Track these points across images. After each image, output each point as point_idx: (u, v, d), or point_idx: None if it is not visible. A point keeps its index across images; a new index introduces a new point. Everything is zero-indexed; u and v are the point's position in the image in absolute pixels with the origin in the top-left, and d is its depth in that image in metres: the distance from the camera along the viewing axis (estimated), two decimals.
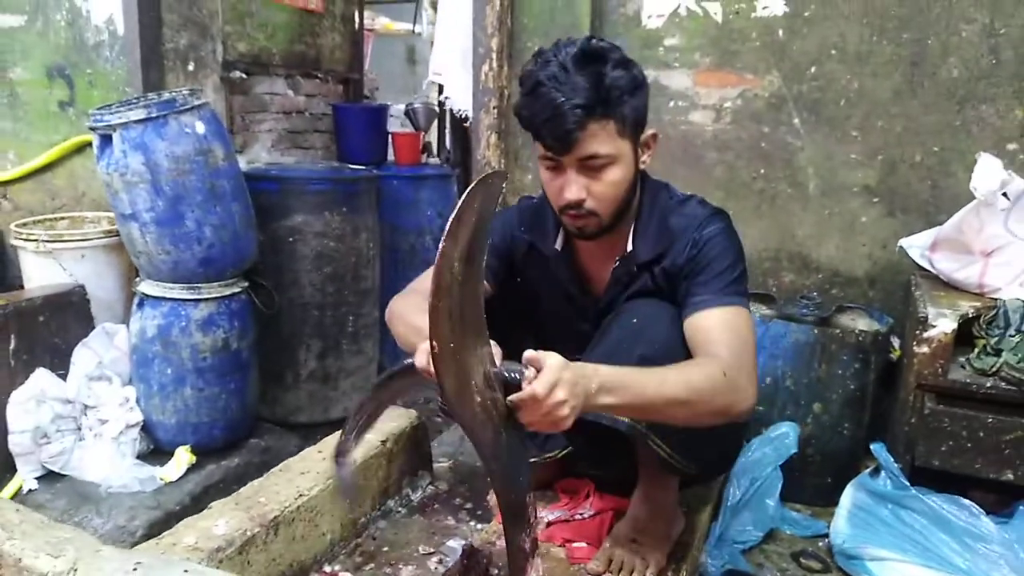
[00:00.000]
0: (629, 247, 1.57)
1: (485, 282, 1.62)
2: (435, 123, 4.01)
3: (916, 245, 2.21)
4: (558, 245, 1.64)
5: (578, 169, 1.42)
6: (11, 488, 2.19)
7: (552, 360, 1.13)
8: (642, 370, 1.26)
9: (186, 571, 0.92)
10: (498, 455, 1.21)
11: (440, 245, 0.98)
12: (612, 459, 1.66)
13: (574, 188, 1.43)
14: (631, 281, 1.58)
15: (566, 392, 1.11)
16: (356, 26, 3.84)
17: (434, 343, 1.01)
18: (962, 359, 1.92)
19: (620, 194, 1.47)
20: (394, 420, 2.07)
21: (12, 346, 2.31)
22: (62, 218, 2.96)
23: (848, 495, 1.95)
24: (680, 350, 1.43)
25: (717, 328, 1.39)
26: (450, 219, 1.00)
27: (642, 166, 1.53)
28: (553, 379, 1.11)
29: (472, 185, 1.05)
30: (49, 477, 2.26)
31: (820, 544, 2.01)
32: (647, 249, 1.55)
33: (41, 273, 2.62)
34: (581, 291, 1.67)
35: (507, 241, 1.69)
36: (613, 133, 1.40)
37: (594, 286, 1.66)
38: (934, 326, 1.86)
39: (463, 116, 2.99)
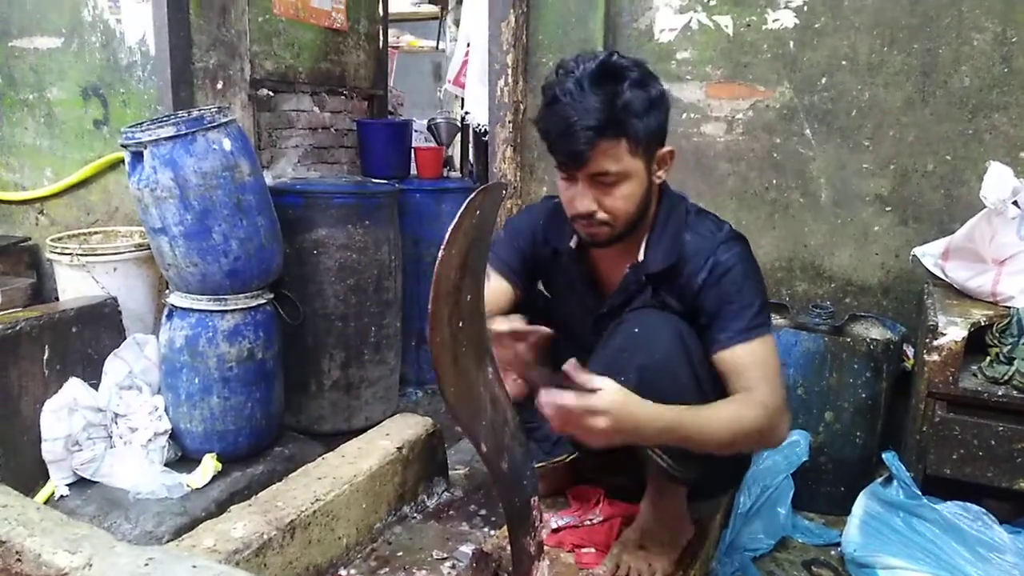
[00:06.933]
0: (641, 256, 1.59)
1: (510, 286, 1.68)
2: (458, 138, 4.06)
3: (929, 254, 2.21)
4: (572, 243, 1.67)
5: (590, 183, 1.45)
6: (44, 494, 2.26)
7: (609, 388, 1.22)
8: (693, 412, 1.34)
9: (194, 566, 0.96)
10: (502, 459, 1.24)
11: (439, 253, 1.01)
12: (619, 465, 1.68)
13: (585, 201, 1.46)
14: (639, 290, 1.60)
15: (611, 423, 1.21)
16: (380, 44, 3.91)
17: (434, 350, 1.04)
18: (974, 367, 1.92)
19: (631, 208, 1.49)
20: (411, 428, 2.11)
21: (46, 356, 2.38)
22: (96, 232, 3.06)
23: (860, 504, 1.94)
24: (680, 362, 1.45)
25: (752, 366, 1.44)
26: (449, 228, 1.02)
27: (657, 180, 1.54)
28: (606, 406, 1.21)
29: (471, 196, 1.08)
30: (80, 483, 2.32)
31: (832, 553, 2.01)
32: (657, 261, 1.56)
33: (75, 286, 2.71)
34: (591, 291, 1.69)
35: (532, 237, 1.74)
36: (624, 152, 1.42)
37: (603, 289, 1.69)
38: (944, 334, 1.86)
39: (482, 130, 3.04)
